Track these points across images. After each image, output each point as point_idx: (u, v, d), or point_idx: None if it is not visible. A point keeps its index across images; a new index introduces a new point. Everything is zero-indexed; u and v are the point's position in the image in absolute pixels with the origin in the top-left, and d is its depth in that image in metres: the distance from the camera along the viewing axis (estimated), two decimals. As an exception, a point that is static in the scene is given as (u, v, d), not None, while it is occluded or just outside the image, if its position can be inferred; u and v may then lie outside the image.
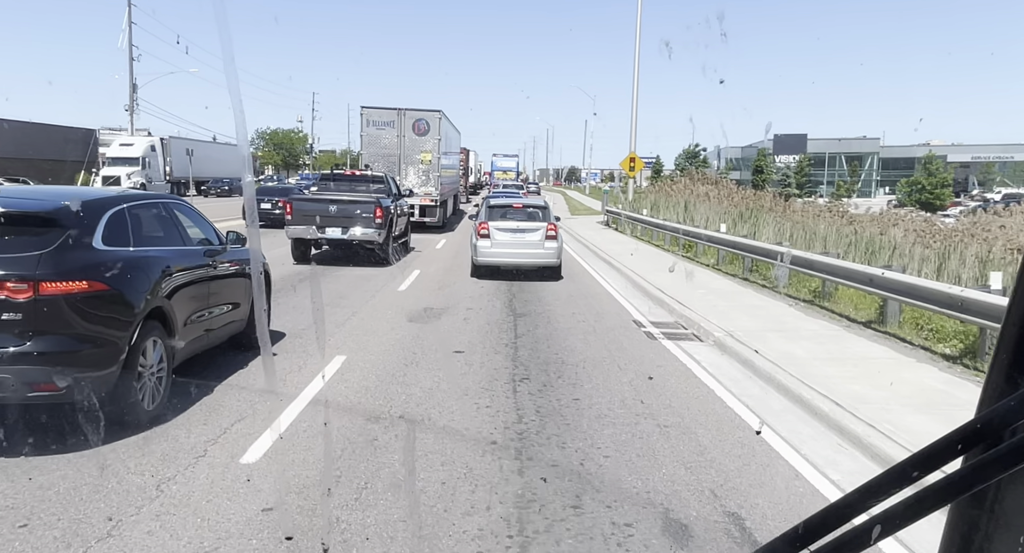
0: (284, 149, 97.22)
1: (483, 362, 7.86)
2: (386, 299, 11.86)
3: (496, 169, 74.29)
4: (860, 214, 16.29)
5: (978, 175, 73.78)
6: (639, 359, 8.23)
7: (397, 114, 25.72)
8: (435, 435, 5.57)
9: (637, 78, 30.74)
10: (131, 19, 54.27)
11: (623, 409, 6.32)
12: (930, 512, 0.72)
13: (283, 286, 12.39)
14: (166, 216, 6.37)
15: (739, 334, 9.05)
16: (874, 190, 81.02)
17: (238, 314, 7.38)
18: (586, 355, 8.36)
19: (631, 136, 31.00)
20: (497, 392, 6.72)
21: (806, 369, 7.32)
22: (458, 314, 10.72)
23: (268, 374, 7.28)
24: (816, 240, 14.94)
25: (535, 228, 14.51)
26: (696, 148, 73.86)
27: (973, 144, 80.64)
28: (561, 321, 10.42)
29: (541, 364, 7.86)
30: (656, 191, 32.76)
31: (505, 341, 8.97)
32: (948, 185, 52.10)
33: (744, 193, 24.17)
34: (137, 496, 4.28)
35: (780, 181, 58.85)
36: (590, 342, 9.08)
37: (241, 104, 1.66)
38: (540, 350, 8.54)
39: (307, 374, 7.08)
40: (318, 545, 3.87)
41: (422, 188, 25.64)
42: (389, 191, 17.66)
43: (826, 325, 9.66)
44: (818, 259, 10.51)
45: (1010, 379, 0.78)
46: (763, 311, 10.69)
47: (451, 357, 8.04)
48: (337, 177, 18.31)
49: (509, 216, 14.81)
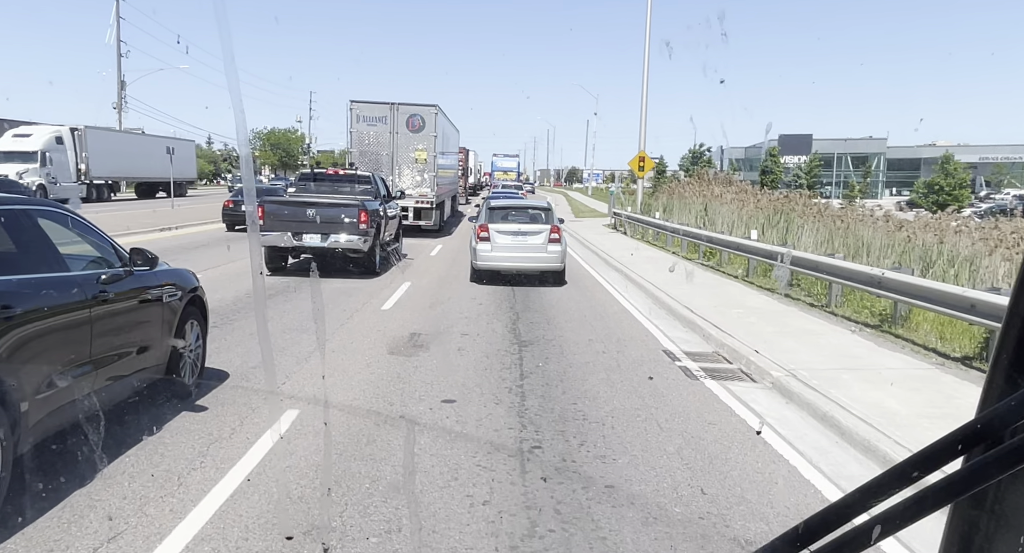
0: (281, 149, 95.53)
1: (480, 418, 5.97)
2: (366, 321, 9.97)
3: (496, 169, 72.34)
4: (908, 219, 14.42)
5: (990, 176, 71.86)
6: (683, 412, 6.34)
7: (390, 109, 23.82)
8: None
9: (647, 71, 28.88)
10: (119, 14, 52.68)
11: (680, 506, 4.43)
12: (930, 512, 0.72)
13: (244, 305, 10.51)
14: (27, 230, 4.45)
15: (803, 373, 7.17)
16: (880, 191, 79.23)
17: (150, 358, 5.48)
18: (613, 405, 6.47)
19: (640, 133, 29.11)
20: (499, 472, 4.84)
21: (912, 433, 5.44)
22: (451, 342, 8.83)
23: (268, 374, 6.94)
24: (864, 249, 13.05)
25: (538, 231, 13.62)
26: (701, 148, 71.86)
27: (980, 145, 78.73)
28: (576, 352, 8.54)
29: (556, 420, 5.97)
30: (669, 192, 30.85)
31: (508, 383, 7.09)
32: (966, 186, 50.19)
33: (770, 195, 22.26)
34: None
35: (791, 182, 56.91)
36: (615, 384, 7.19)
37: (241, 104, 1.59)
38: (553, 397, 6.65)
39: (241, 441, 5.20)
40: (318, 545, 3.74)
41: (417, 189, 23.85)
42: (377, 193, 15.76)
43: (911, 361, 7.76)
44: (917, 282, 8.39)
45: (1010, 379, 0.77)
46: (822, 339, 8.80)
47: (439, 410, 6.16)
48: (318, 177, 16.40)
49: (511, 218, 14.02)
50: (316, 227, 13.64)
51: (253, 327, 9.13)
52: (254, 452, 4.99)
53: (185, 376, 6.02)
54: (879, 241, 13.31)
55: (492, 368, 7.65)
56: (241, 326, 9.19)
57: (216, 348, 7.87)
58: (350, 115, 23.80)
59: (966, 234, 11.86)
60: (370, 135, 23.64)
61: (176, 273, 6.04)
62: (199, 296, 6.33)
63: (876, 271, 9.04)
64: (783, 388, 6.91)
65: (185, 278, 6.11)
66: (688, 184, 30.35)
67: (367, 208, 13.87)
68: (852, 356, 7.95)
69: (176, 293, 5.82)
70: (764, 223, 16.93)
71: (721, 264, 16.31)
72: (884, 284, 8.82)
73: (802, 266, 11.56)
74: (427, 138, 23.88)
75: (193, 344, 6.19)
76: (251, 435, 5.33)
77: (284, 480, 4.62)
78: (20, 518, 3.84)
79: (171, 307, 5.74)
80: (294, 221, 13.54)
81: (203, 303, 6.44)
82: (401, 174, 23.69)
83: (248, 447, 5.09)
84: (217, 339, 8.36)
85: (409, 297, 12.10)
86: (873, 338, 8.84)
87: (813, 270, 10.93)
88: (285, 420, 5.70)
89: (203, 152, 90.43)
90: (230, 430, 5.44)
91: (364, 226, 13.72)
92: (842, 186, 77.49)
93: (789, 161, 70.14)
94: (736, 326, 9.54)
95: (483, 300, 12.03)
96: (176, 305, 5.80)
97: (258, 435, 5.33)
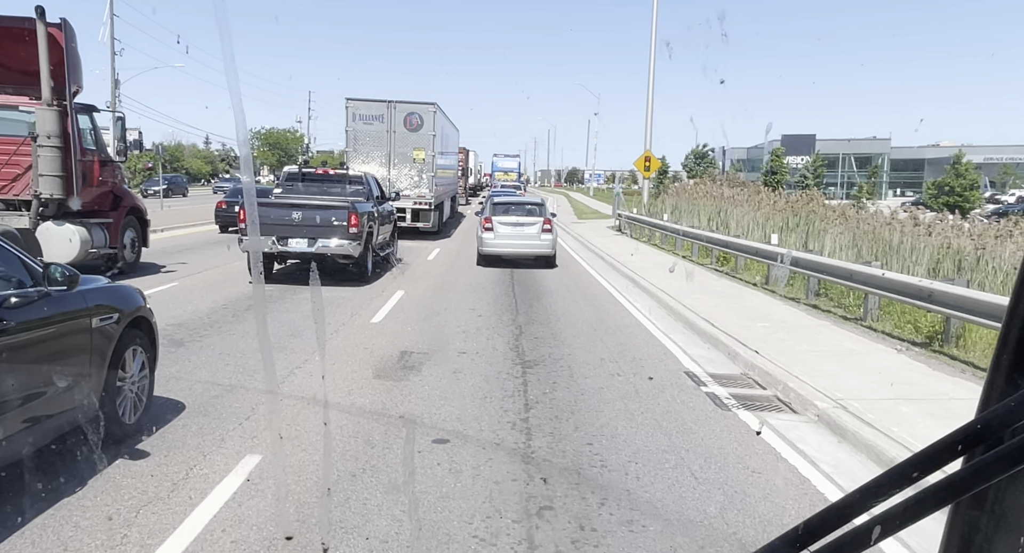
0: (280, 149, 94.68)
1: (478, 465, 4.97)
2: (353, 337, 8.97)
3: (497, 170, 71.20)
4: (940, 222, 13.41)
5: (996, 177, 70.83)
6: (719, 456, 5.33)
7: (387, 107, 23.12)
8: None
9: (653, 68, 27.89)
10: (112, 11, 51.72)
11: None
12: (930, 513, 0.72)
13: (219, 318, 9.52)
14: None
15: (853, 404, 6.17)
16: (884, 192, 78.26)
17: (76, 395, 4.48)
18: (635, 445, 5.47)
19: (646, 133, 28.11)
20: (501, 547, 3.84)
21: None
22: (446, 362, 7.83)
23: (268, 374, 6.81)
24: (893, 255, 12.03)
25: (533, 222, 16.18)
26: (704, 148, 70.81)
27: (985, 145, 77.66)
28: (587, 374, 7.54)
29: (569, 469, 4.97)
30: (676, 194, 29.82)
31: (511, 416, 6.09)
32: (977, 187, 49.13)
33: (787, 196, 21.22)
34: None
35: (798, 183, 55.87)
36: (635, 417, 6.18)
37: (241, 104, 1.55)
38: (564, 435, 5.65)
39: (182, 501, 4.19)
40: (318, 545, 3.68)
41: (414, 189, 23.17)
42: (369, 194, 14.74)
43: (977, 389, 6.75)
44: (978, 296, 7.28)
45: (1010, 380, 0.77)
46: (865, 360, 7.79)
47: (429, 454, 5.15)
48: (307, 177, 15.37)
49: (511, 212, 16.49)
50: (303, 231, 12.65)
51: (225, 344, 8.15)
52: (195, 519, 3.99)
53: (125, 414, 5.03)
54: (907, 245, 12.30)
55: (492, 396, 6.65)
56: (212, 344, 8.20)
57: (176, 372, 6.89)
58: (346, 113, 23.18)
59: (1008, 238, 10.83)
60: (367, 134, 22.99)
61: (112, 292, 5.04)
62: (144, 318, 5.32)
63: (925, 283, 8.01)
64: (833, 423, 5.91)
65: (124, 298, 5.11)
66: (696, 185, 29.33)
67: (358, 210, 12.87)
68: (906, 382, 6.93)
69: (111, 316, 4.81)
70: (783, 226, 15.90)
71: (736, 270, 15.30)
72: (935, 298, 7.81)
73: (832, 275, 10.53)
74: (425, 137, 23.29)
75: (136, 375, 5.19)
76: (196, 493, 4.32)
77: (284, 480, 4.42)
78: None
79: (104, 333, 4.73)
80: (279, 224, 12.53)
81: (150, 325, 5.44)
82: (399, 174, 23.08)
83: (189, 510, 4.09)
84: (180, 360, 7.38)
85: (402, 308, 11.09)
86: (924, 359, 7.81)
87: (847, 280, 9.90)
88: (242, 469, 4.70)
89: (200, 152, 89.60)
90: (171, 485, 4.43)
91: (355, 230, 12.72)
92: (846, 187, 76.54)
93: (792, 162, 69.13)
94: (764, 343, 8.54)
95: (483, 311, 11.03)
96: (111, 330, 4.80)
97: (205, 493, 4.33)
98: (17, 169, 11.79)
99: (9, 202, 11.89)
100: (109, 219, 12.92)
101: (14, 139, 11.66)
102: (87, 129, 12.65)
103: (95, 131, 13.04)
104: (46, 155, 11.32)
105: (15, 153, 11.64)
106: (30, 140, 11.32)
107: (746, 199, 20.77)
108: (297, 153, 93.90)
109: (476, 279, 14.63)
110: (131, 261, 13.79)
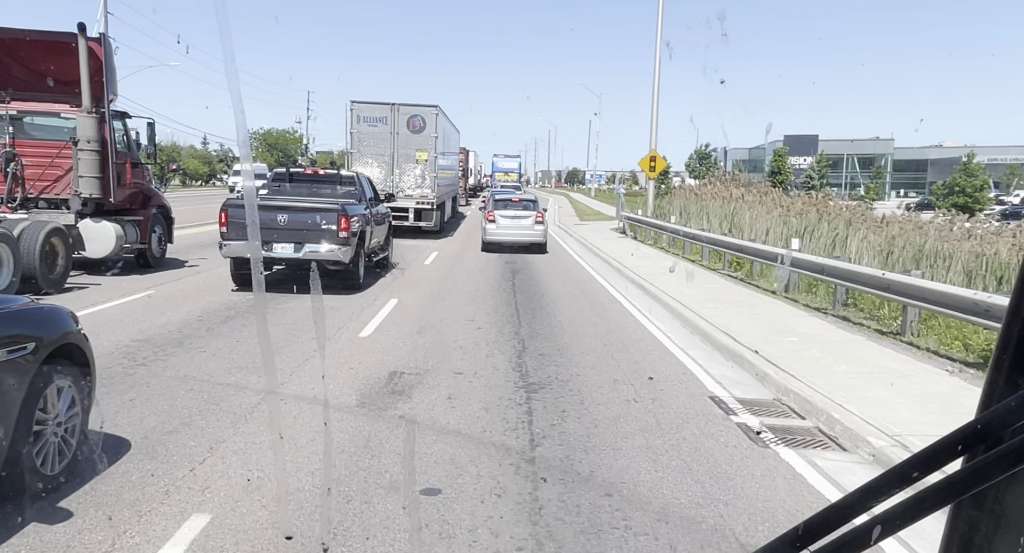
0: (278, 150, 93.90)
1: (475, 526, 4.07)
2: (338, 355, 8.08)
3: (497, 170, 70.16)
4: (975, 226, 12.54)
5: (1002, 177, 69.95)
6: (765, 511, 4.44)
7: (390, 109, 23.45)
8: None
9: (658, 66, 26.97)
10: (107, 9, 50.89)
11: None
12: (930, 513, 0.71)
13: (191, 332, 8.64)
14: None
15: (913, 441, 5.28)
16: (887, 192, 77.43)
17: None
18: (663, 497, 4.58)
19: (651, 132, 27.19)
20: None
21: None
22: (440, 386, 6.94)
23: (268, 374, 6.73)
24: (925, 261, 11.13)
25: (527, 215, 19.47)
26: (707, 148, 69.91)
27: (988, 145, 76.75)
28: (600, 400, 6.65)
29: (585, 530, 4.08)
30: (683, 195, 28.93)
31: (515, 456, 5.20)
32: (987, 187, 48.18)
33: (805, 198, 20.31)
34: None
35: (803, 183, 54.96)
36: (659, 456, 5.29)
37: (241, 104, 1.55)
38: (579, 483, 4.76)
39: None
40: (318, 545, 3.62)
41: (417, 190, 23.51)
42: (362, 195, 13.84)
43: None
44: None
45: (1010, 380, 0.76)
46: (915, 384, 6.89)
47: (415, 511, 4.26)
48: (295, 177, 14.46)
49: (510, 207, 19.87)
50: (288, 235, 11.75)
51: (190, 366, 7.26)
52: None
53: (46, 464, 4.14)
54: (944, 250, 11.40)
55: (493, 429, 5.76)
56: (176, 364, 7.31)
57: (129, 399, 6.01)
58: (350, 116, 23.43)
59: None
60: (371, 136, 23.27)
61: (26, 316, 4.14)
62: (75, 345, 4.43)
63: (981, 296, 7.11)
64: (889, 464, 5.00)
65: (44, 322, 4.21)
66: (703, 186, 28.44)
67: (348, 213, 11.97)
68: (967, 411, 6.01)
69: (24, 347, 3.92)
70: (803, 229, 15.00)
71: (752, 276, 14.40)
72: (993, 313, 6.91)
73: (867, 285, 9.62)
74: (428, 139, 23.56)
75: (63, 414, 4.30)
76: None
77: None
78: None
79: (15, 367, 3.84)
80: (263, 228, 11.63)
81: (83, 353, 4.54)
82: (402, 174, 23.38)
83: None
84: (136, 385, 6.49)
85: (394, 320, 10.20)
86: (981, 383, 6.93)
87: (883, 291, 8.99)
88: (183, 536, 3.81)
89: (198, 153, 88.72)
90: (107, 541, 3.55)
91: (345, 234, 11.83)
92: (849, 187, 75.69)
93: (795, 162, 68.28)
94: (796, 363, 7.65)
95: (482, 322, 10.14)
96: (24, 364, 3.91)
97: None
98: (59, 171, 12.68)
99: (51, 201, 12.77)
100: (140, 217, 13.80)
101: (56, 143, 12.59)
102: (120, 133, 13.53)
103: (127, 135, 13.95)
104: (85, 158, 12.29)
105: (57, 156, 12.51)
106: (71, 144, 12.30)
107: (758, 200, 19.86)
108: (296, 153, 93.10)
109: (475, 285, 13.75)
110: (158, 256, 14.50)
